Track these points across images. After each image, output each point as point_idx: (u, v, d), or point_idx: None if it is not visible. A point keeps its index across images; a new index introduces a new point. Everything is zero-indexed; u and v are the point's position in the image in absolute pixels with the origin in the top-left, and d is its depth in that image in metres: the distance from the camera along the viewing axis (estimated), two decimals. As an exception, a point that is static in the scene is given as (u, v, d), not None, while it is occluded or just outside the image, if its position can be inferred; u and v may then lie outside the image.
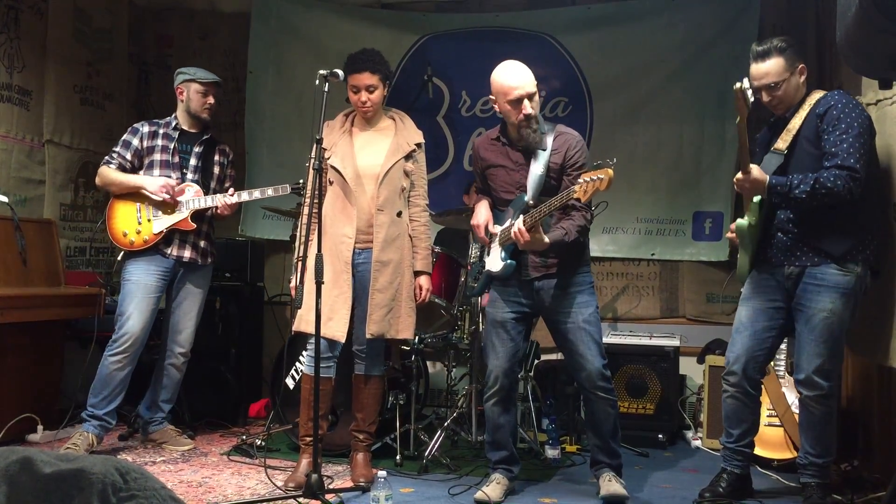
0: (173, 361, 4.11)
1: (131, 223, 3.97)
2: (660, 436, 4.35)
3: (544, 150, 3.27)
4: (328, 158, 3.53)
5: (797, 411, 3.46)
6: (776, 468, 3.75)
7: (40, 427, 4.09)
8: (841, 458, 3.68)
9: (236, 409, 4.70)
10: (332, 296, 3.44)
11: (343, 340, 3.48)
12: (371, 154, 3.55)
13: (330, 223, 3.52)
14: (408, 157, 3.58)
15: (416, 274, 3.64)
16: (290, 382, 4.12)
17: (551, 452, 3.92)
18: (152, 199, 3.95)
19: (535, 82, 3.25)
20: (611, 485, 3.27)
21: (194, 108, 4.10)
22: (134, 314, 3.87)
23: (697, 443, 4.40)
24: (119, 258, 4.06)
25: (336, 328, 3.45)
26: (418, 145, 3.64)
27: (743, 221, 3.18)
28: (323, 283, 3.22)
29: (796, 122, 3.12)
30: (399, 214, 3.56)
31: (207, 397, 4.65)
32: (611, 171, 2.89)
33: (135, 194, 3.97)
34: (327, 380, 3.50)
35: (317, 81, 3.33)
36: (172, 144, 4.06)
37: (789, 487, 3.51)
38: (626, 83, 5.09)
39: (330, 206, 3.54)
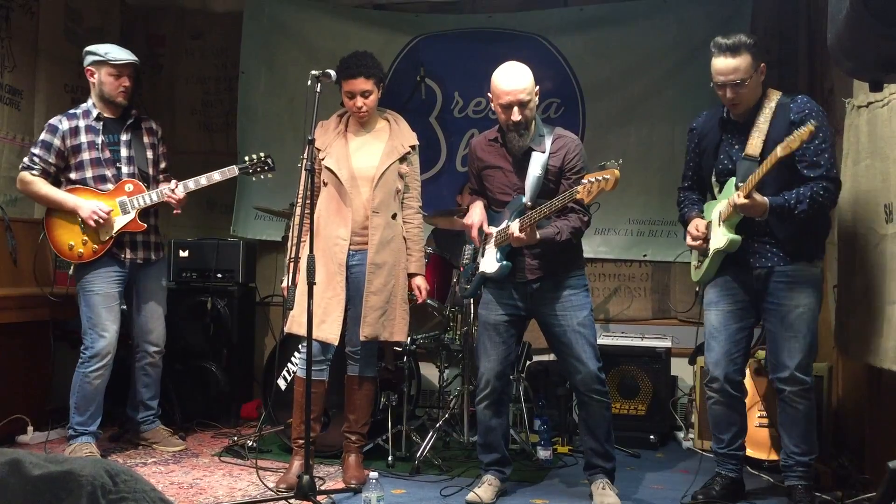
0: (149, 361, 4.05)
1: (75, 234, 3.77)
2: (651, 437, 4.36)
3: (543, 152, 3.27)
4: (322, 159, 3.52)
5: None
6: (767, 469, 3.76)
7: (30, 428, 4.08)
8: (831, 458, 3.70)
9: (228, 409, 4.69)
10: (325, 298, 3.43)
11: (336, 343, 3.47)
12: (366, 156, 3.55)
13: (324, 225, 3.51)
14: (402, 159, 3.58)
15: (411, 276, 3.64)
16: (281, 383, 4.11)
17: (543, 453, 3.92)
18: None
19: (534, 88, 3.23)
20: (605, 494, 3.25)
21: (108, 92, 3.82)
22: (109, 327, 3.79)
23: (689, 443, 4.40)
24: (70, 272, 3.83)
25: (329, 331, 3.44)
26: (413, 147, 3.64)
27: (737, 238, 3.17)
28: (315, 283, 3.21)
29: (763, 126, 3.12)
30: (394, 217, 3.56)
31: (199, 398, 4.64)
32: (617, 172, 2.91)
33: None
34: (320, 382, 3.49)
35: (309, 82, 3.32)
36: (99, 139, 3.81)
37: (780, 488, 3.52)
38: (619, 84, 5.09)
39: (324, 208, 3.53)
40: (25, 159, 3.81)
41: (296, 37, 5.46)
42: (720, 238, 3.19)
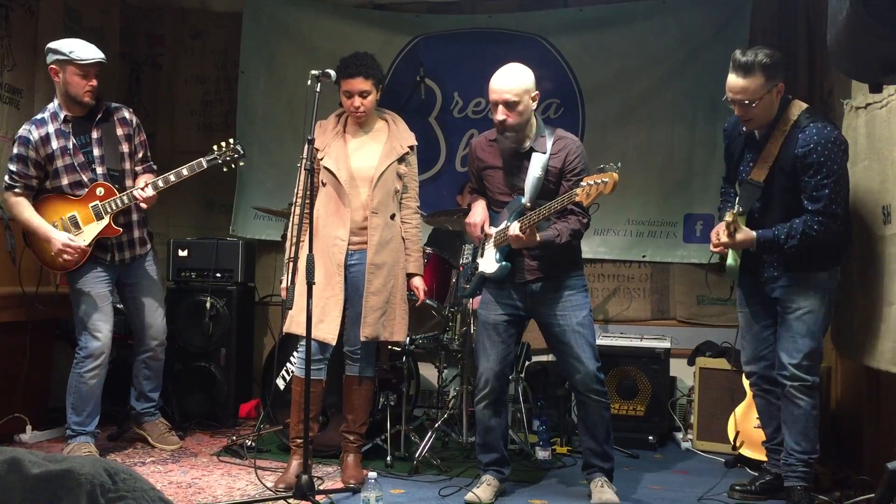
0: (151, 355, 4.05)
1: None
2: (650, 437, 4.36)
3: (544, 153, 3.28)
4: (321, 159, 3.52)
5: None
6: (765, 470, 3.76)
7: (29, 427, 4.08)
8: (830, 459, 3.70)
9: (226, 409, 4.69)
10: (323, 298, 3.44)
11: (334, 343, 3.47)
12: (365, 156, 3.55)
13: (322, 225, 3.51)
14: (401, 159, 3.58)
15: (409, 276, 3.65)
16: (280, 383, 4.11)
17: (542, 454, 3.92)
18: (66, 216, 3.72)
19: (526, 91, 3.21)
20: (603, 492, 3.26)
21: (74, 92, 3.66)
22: (101, 327, 3.78)
23: (687, 444, 4.40)
24: (57, 281, 3.85)
25: (327, 331, 3.44)
26: (411, 148, 3.64)
27: (734, 266, 3.25)
28: (314, 283, 3.21)
29: (773, 150, 3.10)
30: (392, 217, 3.56)
31: (198, 398, 4.64)
32: (615, 175, 2.92)
33: (49, 215, 3.72)
34: (318, 382, 3.50)
35: (308, 82, 3.32)
36: (70, 143, 3.69)
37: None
38: (618, 85, 5.10)
39: (322, 208, 3.53)
40: (6, 178, 3.71)
41: (295, 37, 5.47)
42: (728, 259, 3.29)
